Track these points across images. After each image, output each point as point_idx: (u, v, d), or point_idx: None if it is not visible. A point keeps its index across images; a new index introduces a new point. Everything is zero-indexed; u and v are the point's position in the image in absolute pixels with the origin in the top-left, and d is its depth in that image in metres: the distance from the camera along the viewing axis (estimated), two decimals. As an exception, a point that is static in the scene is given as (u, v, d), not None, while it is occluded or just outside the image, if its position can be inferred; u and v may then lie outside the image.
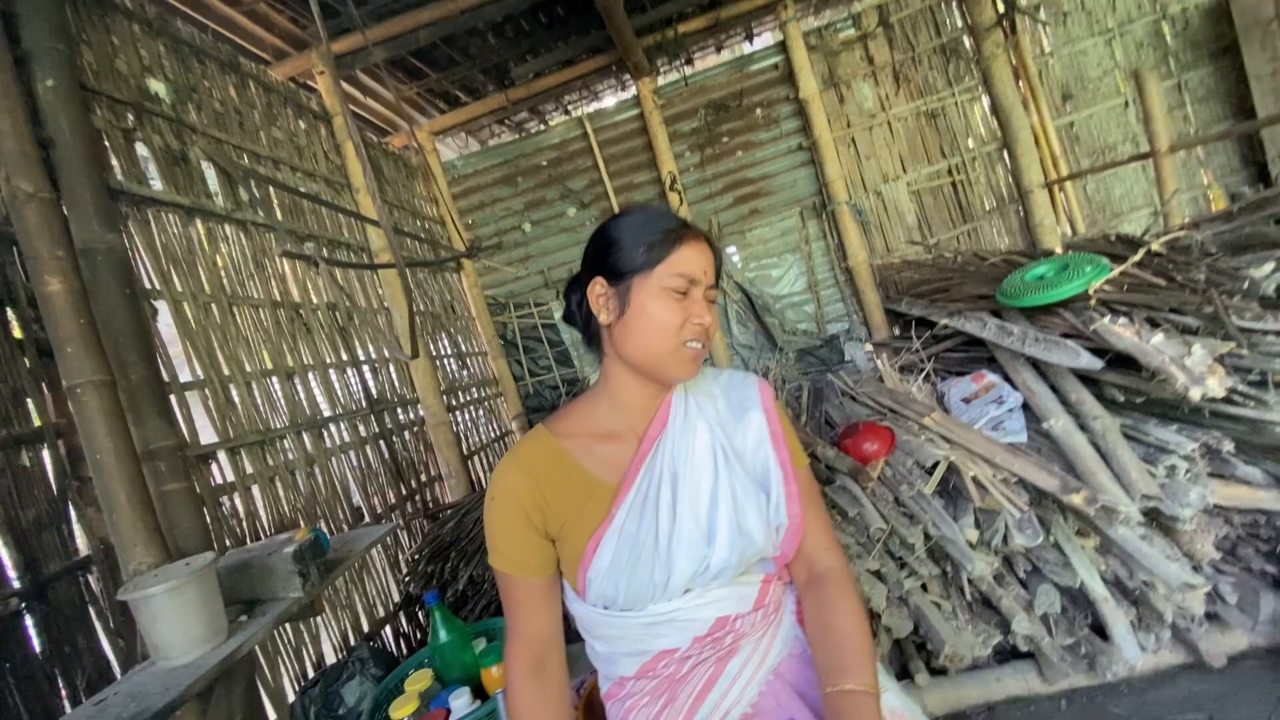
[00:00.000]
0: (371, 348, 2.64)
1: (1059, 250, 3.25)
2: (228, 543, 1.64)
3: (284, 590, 1.40)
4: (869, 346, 3.55)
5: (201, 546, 1.43)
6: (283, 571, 1.39)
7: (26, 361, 1.31)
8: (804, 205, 3.96)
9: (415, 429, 2.77)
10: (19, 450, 1.26)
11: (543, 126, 4.31)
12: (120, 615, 1.31)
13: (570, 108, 4.29)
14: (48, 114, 1.40)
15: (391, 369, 2.76)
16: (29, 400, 1.30)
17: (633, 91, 3.95)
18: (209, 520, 1.59)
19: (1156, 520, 1.80)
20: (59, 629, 1.23)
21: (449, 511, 2.66)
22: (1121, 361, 1.98)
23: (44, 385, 1.33)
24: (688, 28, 3.54)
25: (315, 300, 2.32)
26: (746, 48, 4.23)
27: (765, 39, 4.11)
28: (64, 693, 1.21)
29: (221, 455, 1.73)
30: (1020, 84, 3.65)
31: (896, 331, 3.55)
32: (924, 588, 1.94)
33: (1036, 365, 2.29)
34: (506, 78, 3.71)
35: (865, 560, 1.92)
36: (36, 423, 1.31)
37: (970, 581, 1.85)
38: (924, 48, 3.85)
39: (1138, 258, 2.23)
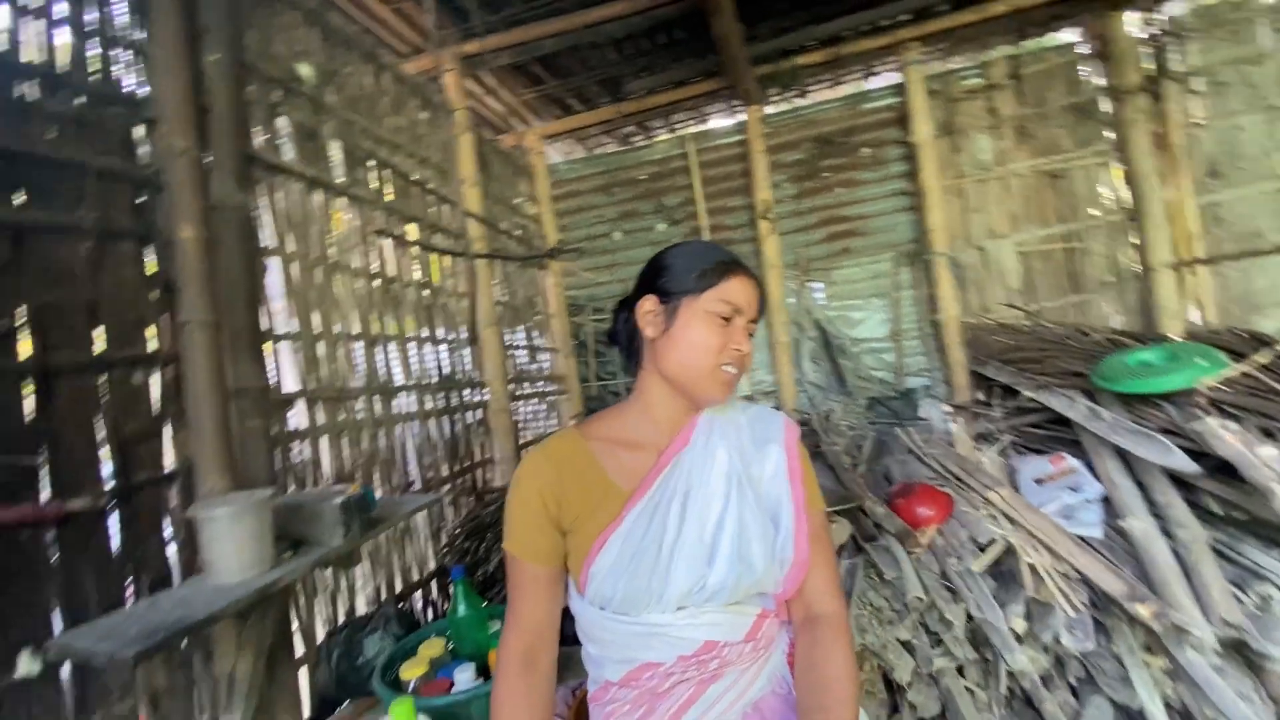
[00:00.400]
0: (450, 328, 2.80)
1: (1176, 337, 2.96)
2: (290, 484, 1.79)
3: (327, 537, 1.51)
4: (947, 407, 3.38)
5: (266, 482, 1.57)
6: (329, 520, 1.51)
7: (153, 294, 1.50)
8: (899, 251, 3.83)
9: (477, 411, 2.91)
10: (133, 369, 1.44)
11: (647, 141, 4.42)
12: (186, 530, 1.46)
13: (676, 126, 4.37)
14: (210, 84, 1.60)
15: (466, 351, 2.91)
16: (149, 328, 1.48)
17: (740, 117, 3.98)
18: (277, 460, 1.74)
19: (1240, 653, 1.61)
20: (136, 531, 1.39)
21: (494, 495, 2.76)
22: (1224, 470, 1.79)
23: (163, 317, 1.51)
24: (805, 61, 3.53)
25: (407, 277, 2.50)
26: (866, 84, 4.16)
27: (885, 78, 4.03)
28: (130, 589, 1.37)
29: (300, 404, 1.90)
30: (1160, 154, 3.38)
31: (979, 396, 3.36)
32: (960, 671, 1.82)
33: (1124, 457, 2.11)
34: (619, 91, 3.84)
35: (896, 628, 1.83)
36: (151, 348, 1.48)
37: (1011, 675, 1.73)
38: (1054, 104, 3.65)
39: (1263, 359, 2.02)
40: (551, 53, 3.13)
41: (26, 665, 1.16)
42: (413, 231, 2.59)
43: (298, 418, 1.88)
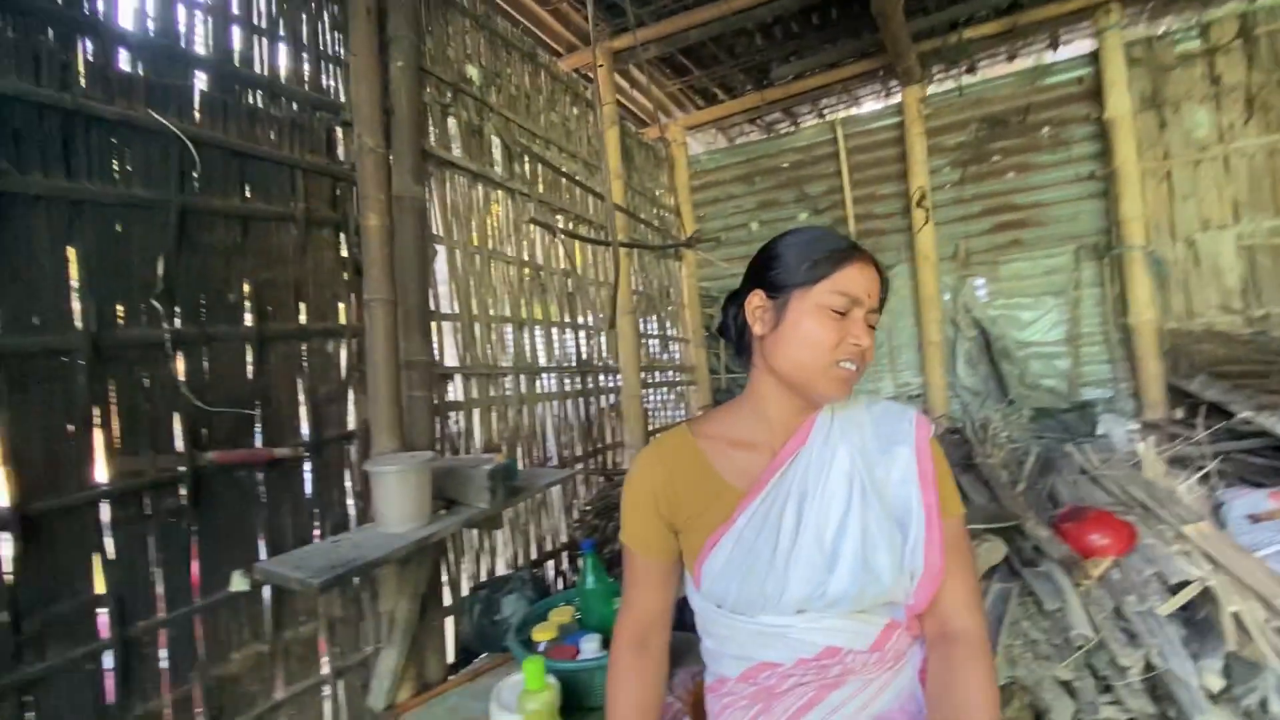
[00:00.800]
0: (589, 315, 2.92)
1: None
2: (446, 450, 1.98)
3: (476, 500, 1.64)
4: (1134, 424, 2.94)
5: (427, 446, 1.74)
6: (478, 484, 1.64)
7: (345, 275, 1.72)
8: (1082, 244, 3.37)
9: (611, 396, 3.01)
10: (327, 340, 1.66)
11: (792, 128, 4.27)
12: (362, 483, 1.66)
13: (824, 111, 4.18)
14: (393, 88, 1.79)
15: (603, 338, 3.02)
16: (340, 304, 1.70)
17: (896, 99, 3.72)
18: (436, 428, 1.92)
19: None
20: (324, 480, 1.61)
21: (622, 477, 2.85)
22: None
23: (352, 295, 1.72)
24: (977, 33, 3.21)
25: (554, 265, 2.64)
26: (1048, 56, 3.70)
27: (1073, 47, 3.55)
28: (317, 530, 1.59)
29: (457, 378, 2.08)
30: None
31: (1177, 414, 2.89)
32: (1134, 726, 1.59)
33: (1382, 499, 1.70)
34: (765, 78, 3.75)
35: (1053, 665, 1.64)
36: (341, 321, 1.70)
37: (1199, 738, 1.47)
38: (1302, 67, 2.99)
39: None
40: (698, 42, 3.13)
41: (238, 583, 1.39)
42: (560, 222, 2.72)
43: (455, 391, 2.07)
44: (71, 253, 1.18)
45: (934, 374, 3.57)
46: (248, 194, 1.50)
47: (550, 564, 2.44)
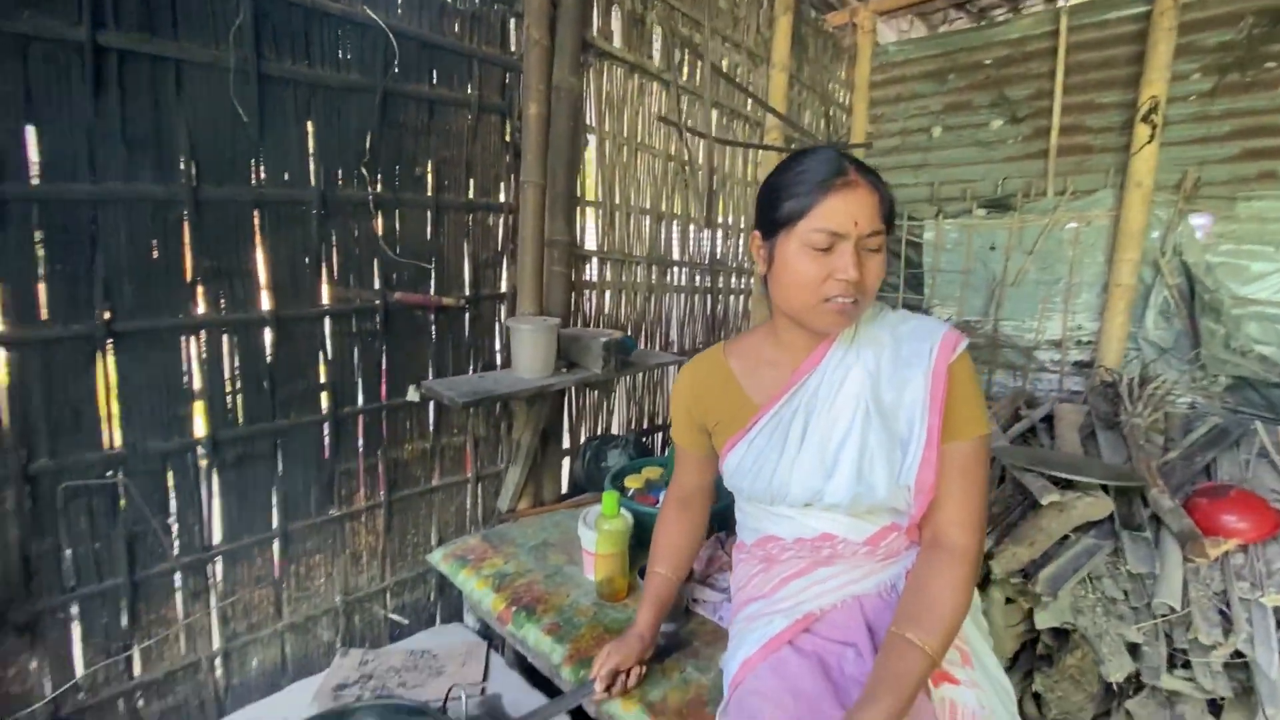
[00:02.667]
0: (731, 215, 2.98)
1: None
2: (577, 322, 2.27)
3: (591, 365, 1.93)
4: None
5: (560, 315, 2.04)
6: (595, 352, 1.92)
7: (506, 158, 1.98)
8: (1371, 185, 2.66)
9: (739, 298, 3.11)
10: (488, 214, 1.96)
11: (1010, 14, 3.68)
12: (505, 336, 2.01)
13: (1056, -4, 3.52)
14: (562, -21, 1.92)
15: (741, 239, 3.08)
16: (501, 183, 1.98)
17: (1151, -19, 3.02)
18: (571, 302, 2.21)
19: None
20: (477, 329, 1.98)
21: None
22: None
23: (511, 176, 1.99)
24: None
25: (698, 162, 2.71)
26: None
27: None
28: (471, 366, 1.98)
29: (594, 260, 2.33)
30: None
31: None
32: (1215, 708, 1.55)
33: None
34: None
35: (1125, 625, 1.61)
36: (501, 199, 1.99)
37: (1269, 728, 1.42)
38: None
39: None
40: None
41: (412, 394, 1.83)
42: (714, 118, 2.75)
43: (591, 272, 2.32)
44: (309, 125, 1.55)
45: (1114, 321, 3.15)
46: (434, 81, 1.77)
47: (657, 436, 2.74)
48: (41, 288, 1.23)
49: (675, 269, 2.70)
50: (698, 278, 2.82)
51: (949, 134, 3.70)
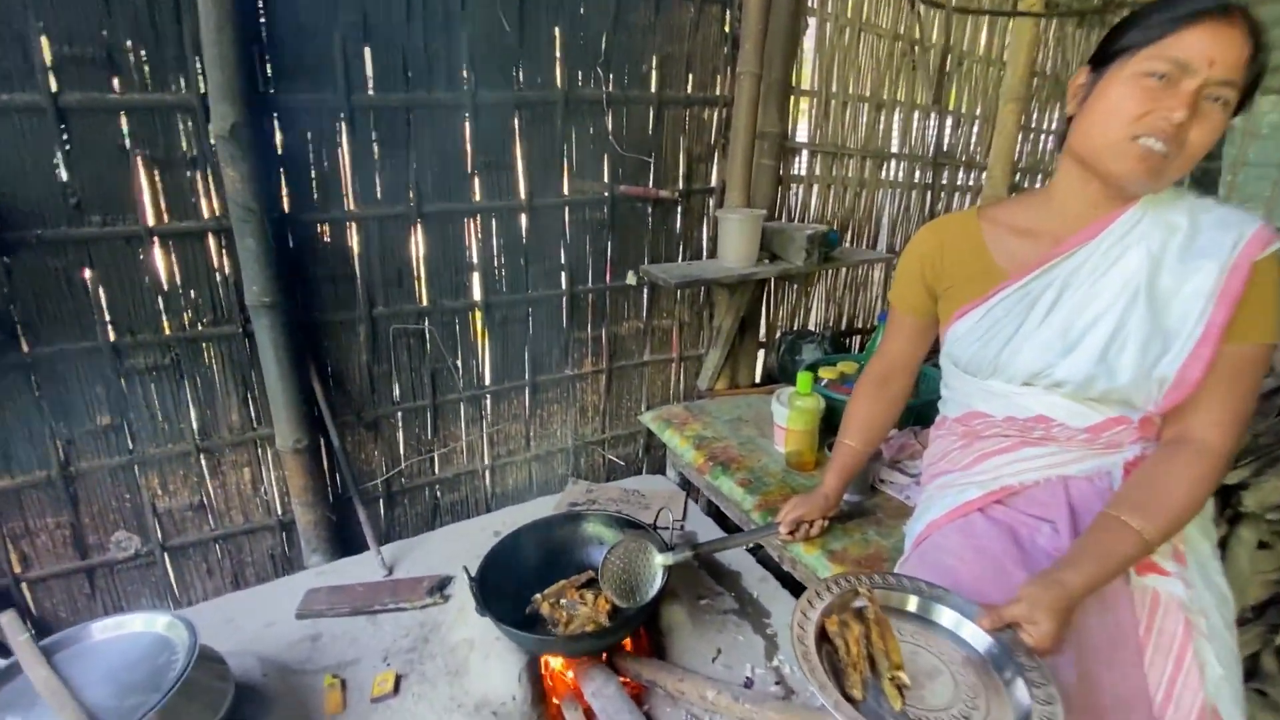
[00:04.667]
0: (966, 100, 2.68)
1: None
2: (783, 216, 2.32)
3: (794, 257, 2.00)
4: None
5: (764, 207, 2.11)
6: (798, 244, 1.98)
7: (724, 49, 2.02)
8: None
9: (964, 195, 2.84)
10: (703, 108, 2.05)
11: None
12: (713, 228, 2.14)
13: None
14: None
15: (975, 127, 2.77)
16: (718, 76, 2.04)
17: None
18: (778, 195, 2.25)
19: None
20: (688, 221, 2.13)
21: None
22: None
23: (728, 69, 2.04)
24: None
25: (932, 40, 2.46)
26: None
27: None
28: (681, 255, 2.16)
29: (804, 153, 2.32)
30: None
31: None
32: None
33: None
34: None
35: None
36: (716, 93, 2.06)
37: None
38: None
39: None
40: None
41: (631, 279, 2.07)
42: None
43: (800, 165, 2.32)
44: (557, 31, 1.75)
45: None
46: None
47: (855, 339, 2.73)
48: (377, 177, 1.64)
49: (892, 162, 2.56)
50: (917, 172, 2.64)
51: None
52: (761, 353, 2.46)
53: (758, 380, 2.43)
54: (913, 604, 0.93)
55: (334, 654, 1.42)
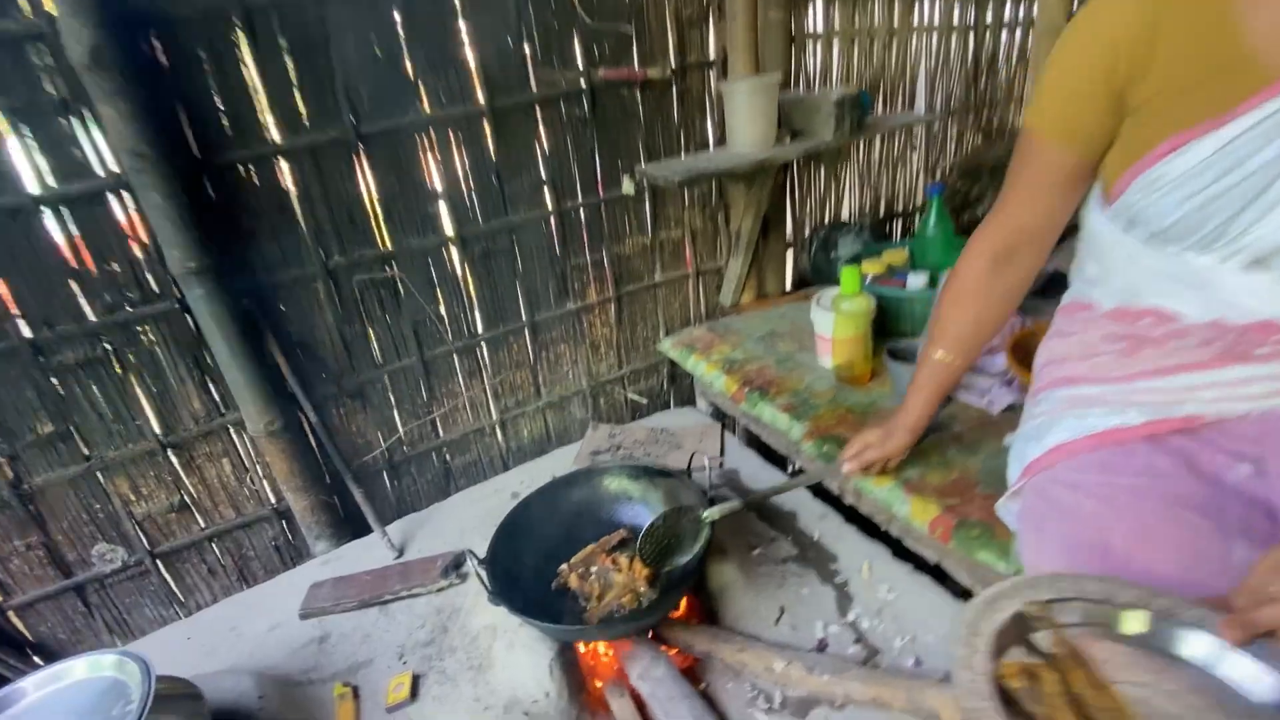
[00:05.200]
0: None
1: None
2: (800, 85, 1.93)
3: (821, 130, 1.64)
4: None
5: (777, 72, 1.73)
6: (825, 112, 1.62)
7: None
8: None
9: (1013, 30, 2.38)
10: (690, -46, 1.65)
11: None
12: (718, 111, 1.78)
13: None
14: None
15: (1023, -56, 2.28)
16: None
17: None
18: (793, 60, 1.86)
19: None
20: (686, 106, 1.77)
21: (1007, 139, 2.41)
22: None
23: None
24: None
25: None
26: None
27: None
28: (683, 149, 1.82)
29: (818, 3, 1.90)
30: None
31: None
32: None
33: None
34: None
35: None
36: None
37: None
38: None
39: None
40: None
41: (626, 187, 1.75)
42: None
43: (814, 19, 1.91)
44: None
45: None
46: None
47: (897, 223, 2.37)
48: (298, 95, 1.34)
49: (925, 3, 2.11)
50: (956, 11, 2.19)
51: None
52: (790, 254, 2.14)
53: (789, 287, 2.13)
54: (1121, 622, 0.57)
55: (343, 656, 1.25)
